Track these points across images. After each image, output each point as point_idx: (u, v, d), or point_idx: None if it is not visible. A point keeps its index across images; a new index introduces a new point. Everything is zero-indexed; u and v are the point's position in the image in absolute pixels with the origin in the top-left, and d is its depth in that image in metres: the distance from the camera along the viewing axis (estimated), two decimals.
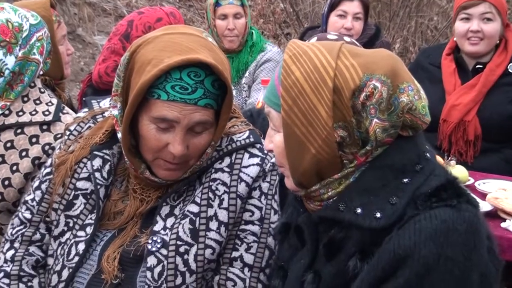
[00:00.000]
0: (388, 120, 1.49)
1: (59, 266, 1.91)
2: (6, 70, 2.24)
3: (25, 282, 1.96)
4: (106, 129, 1.95)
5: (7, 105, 2.28)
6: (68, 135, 2.03)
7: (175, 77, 1.72)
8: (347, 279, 1.48)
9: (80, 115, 2.08)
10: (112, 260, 1.85)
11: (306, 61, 1.52)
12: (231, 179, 1.87)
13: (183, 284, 1.82)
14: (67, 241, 1.93)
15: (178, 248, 1.82)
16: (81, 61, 8.06)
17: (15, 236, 2.02)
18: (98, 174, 1.92)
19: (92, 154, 1.93)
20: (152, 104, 1.75)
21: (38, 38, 2.33)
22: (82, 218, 1.93)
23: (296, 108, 1.50)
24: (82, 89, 3.49)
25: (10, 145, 2.27)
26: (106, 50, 3.27)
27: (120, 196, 1.95)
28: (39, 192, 2.03)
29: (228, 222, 1.85)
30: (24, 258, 1.99)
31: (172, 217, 1.87)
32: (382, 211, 1.45)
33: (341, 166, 1.53)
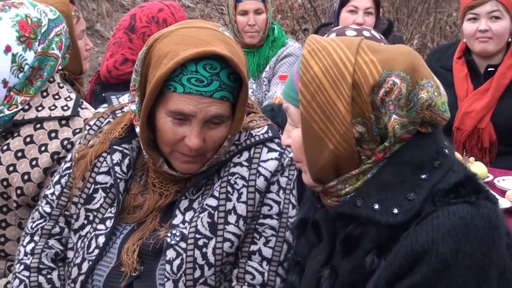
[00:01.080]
0: (407, 117, 1.48)
1: (79, 259, 1.93)
2: (25, 65, 2.26)
3: (45, 274, 1.98)
4: (125, 124, 1.97)
5: (27, 100, 2.30)
6: (88, 130, 2.05)
7: (190, 69, 1.73)
8: (364, 275, 1.48)
9: (100, 110, 2.10)
10: (132, 253, 1.87)
11: (325, 56, 1.52)
12: (250, 173, 1.88)
13: (201, 277, 1.83)
14: (87, 234, 1.95)
15: (196, 241, 1.84)
16: (99, 56, 8.10)
17: (35, 229, 2.04)
18: (118, 168, 1.94)
19: (112, 149, 1.95)
20: (169, 97, 1.76)
21: (56, 33, 2.35)
22: (102, 211, 1.95)
23: (315, 103, 1.50)
24: (90, 88, 3.52)
25: (29, 140, 2.29)
26: (113, 45, 3.30)
27: (139, 190, 1.96)
28: (58, 186, 2.05)
29: (246, 215, 1.86)
30: (44, 251, 2.01)
31: (191, 210, 1.89)
32: (399, 207, 1.45)
33: (358, 162, 1.53)
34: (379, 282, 1.43)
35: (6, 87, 2.24)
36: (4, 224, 2.33)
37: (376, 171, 1.52)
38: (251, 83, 4.32)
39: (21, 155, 2.28)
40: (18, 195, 2.27)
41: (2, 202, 2.32)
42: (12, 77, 2.24)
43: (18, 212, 2.31)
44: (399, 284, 1.41)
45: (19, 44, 2.23)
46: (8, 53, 2.21)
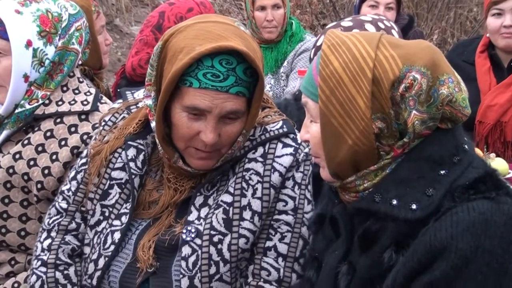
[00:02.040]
0: (427, 112, 1.48)
1: (96, 255, 1.94)
2: (46, 60, 2.27)
3: (62, 270, 1.99)
4: (139, 119, 1.97)
5: (47, 94, 2.31)
6: (103, 125, 2.06)
7: (206, 64, 1.73)
8: (382, 271, 1.48)
9: (115, 105, 2.11)
10: (147, 249, 1.87)
11: (345, 51, 1.51)
12: (265, 168, 1.88)
13: (217, 274, 1.83)
14: (103, 230, 1.96)
15: (211, 237, 1.84)
16: (118, 51, 8.14)
17: (51, 225, 2.06)
18: (133, 163, 1.94)
19: (126, 144, 1.96)
20: (184, 92, 1.76)
21: (77, 28, 2.36)
22: (117, 207, 1.96)
23: (334, 98, 1.50)
24: (116, 80, 3.53)
25: (50, 134, 2.30)
26: (139, 42, 3.30)
27: (154, 185, 1.97)
28: (74, 182, 2.06)
29: (261, 211, 1.85)
30: (61, 247, 2.02)
31: (206, 207, 1.89)
32: (418, 203, 1.45)
33: (377, 158, 1.52)
34: (397, 278, 1.43)
35: (27, 82, 2.26)
36: (25, 218, 2.35)
37: (394, 166, 1.52)
38: (269, 78, 4.32)
39: (41, 150, 2.29)
40: (39, 189, 2.28)
41: (23, 196, 2.33)
42: (33, 72, 2.26)
43: (39, 206, 2.32)
44: (418, 280, 1.40)
45: (40, 38, 2.25)
46: (29, 47, 2.23)
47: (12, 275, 2.36)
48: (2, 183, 2.31)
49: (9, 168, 2.30)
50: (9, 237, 2.35)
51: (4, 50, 2.23)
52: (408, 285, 1.42)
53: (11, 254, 2.38)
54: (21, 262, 2.37)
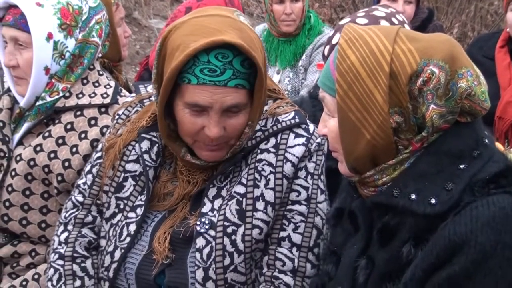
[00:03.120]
0: (445, 106, 1.47)
1: (112, 247, 1.96)
2: (66, 52, 2.29)
3: (79, 263, 2.01)
4: (152, 112, 1.98)
5: (68, 87, 2.33)
6: (116, 119, 2.07)
7: (202, 60, 1.72)
8: (400, 266, 1.47)
9: (128, 99, 2.12)
10: (163, 241, 1.88)
11: (362, 45, 1.50)
12: (277, 159, 1.88)
13: (231, 265, 1.84)
14: (119, 222, 1.97)
15: (225, 229, 1.85)
16: (137, 44, 8.17)
17: (68, 219, 2.07)
18: (147, 156, 1.95)
19: (140, 137, 1.96)
20: (184, 89, 1.77)
21: (97, 20, 2.38)
22: (132, 199, 1.97)
23: (351, 93, 1.49)
24: (139, 71, 3.52)
25: (70, 127, 2.32)
26: None
27: (169, 177, 1.98)
28: (90, 176, 2.07)
29: (274, 202, 1.86)
30: (77, 240, 2.04)
31: (219, 198, 1.90)
32: (437, 197, 1.44)
33: (395, 152, 1.52)
34: (416, 273, 1.42)
35: (48, 74, 2.28)
36: (45, 210, 2.37)
37: (413, 161, 1.51)
38: (288, 72, 4.32)
39: (62, 142, 2.31)
40: (59, 182, 2.30)
41: (43, 188, 2.35)
42: (54, 64, 2.28)
43: (59, 198, 2.35)
44: (437, 275, 1.40)
45: (61, 31, 2.27)
46: (50, 40, 2.24)
47: (32, 266, 2.39)
48: (23, 175, 2.33)
49: (30, 160, 2.32)
50: (30, 229, 2.38)
51: (25, 43, 2.25)
52: (427, 279, 1.41)
53: (31, 246, 2.41)
54: (41, 254, 2.40)
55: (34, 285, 2.31)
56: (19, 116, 2.37)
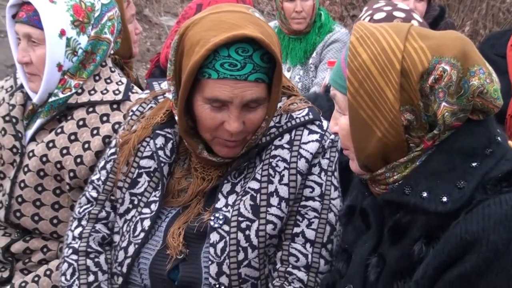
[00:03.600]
0: (457, 104, 1.47)
1: (125, 242, 1.96)
2: (79, 49, 2.30)
3: (92, 258, 2.02)
4: (167, 109, 1.99)
5: (80, 83, 2.34)
6: (130, 115, 2.08)
7: (223, 54, 1.73)
8: (412, 263, 1.47)
9: (142, 96, 2.13)
10: (177, 236, 1.89)
11: (374, 43, 1.50)
12: (291, 155, 1.89)
13: (245, 260, 1.85)
14: (133, 218, 1.98)
15: (239, 224, 1.86)
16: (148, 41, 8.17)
17: (82, 214, 2.09)
18: (161, 152, 1.96)
19: (155, 133, 1.98)
20: (204, 85, 1.77)
21: (109, 17, 2.38)
22: (146, 195, 1.98)
23: (363, 90, 1.49)
24: (150, 68, 3.53)
25: (82, 123, 2.33)
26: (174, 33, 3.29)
27: (183, 174, 1.99)
28: (104, 171, 2.09)
29: (288, 197, 1.87)
30: (91, 235, 2.05)
31: (233, 194, 1.91)
32: (448, 195, 1.44)
33: (407, 150, 1.52)
34: (427, 271, 1.42)
35: (61, 71, 2.29)
36: (57, 206, 2.38)
37: (425, 158, 1.51)
38: (298, 70, 4.31)
39: (74, 138, 2.32)
40: (71, 178, 2.32)
41: (55, 184, 2.36)
42: (67, 61, 2.29)
43: (71, 194, 2.36)
44: (448, 273, 1.39)
45: (73, 28, 2.27)
46: (62, 37, 2.25)
47: (44, 262, 2.40)
48: (35, 171, 2.35)
49: (43, 156, 2.33)
50: (42, 225, 2.39)
51: (38, 39, 2.26)
52: (439, 277, 1.41)
53: (43, 242, 2.42)
54: (53, 250, 2.42)
55: (46, 281, 2.32)
56: (32, 112, 2.38)
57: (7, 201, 2.39)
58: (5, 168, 2.43)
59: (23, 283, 2.33)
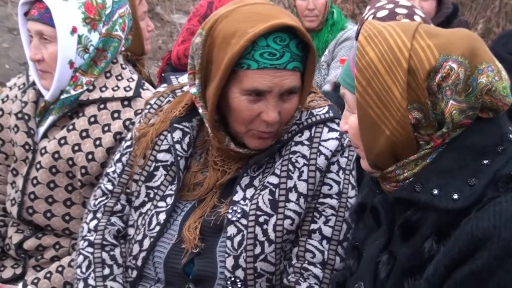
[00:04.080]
0: (465, 102, 1.46)
1: (140, 235, 1.97)
2: (90, 46, 2.31)
3: (108, 251, 2.03)
4: (185, 103, 1.99)
5: (92, 80, 2.35)
6: (148, 108, 2.08)
7: (261, 45, 1.75)
8: (422, 261, 1.47)
9: (160, 89, 2.14)
10: (193, 230, 1.90)
11: (381, 41, 1.51)
12: (311, 152, 1.89)
13: (262, 254, 1.86)
14: (148, 211, 1.98)
15: (257, 218, 1.86)
16: (159, 39, 8.18)
17: (97, 206, 2.09)
18: (178, 146, 1.97)
19: (172, 127, 1.98)
20: (243, 76, 1.78)
21: (120, 14, 2.39)
22: (162, 189, 1.99)
23: (370, 89, 1.50)
24: (161, 66, 3.53)
25: (93, 120, 2.34)
26: (186, 31, 3.30)
27: (199, 168, 1.99)
28: (119, 164, 2.09)
29: (307, 194, 1.87)
30: (107, 228, 2.05)
31: (251, 188, 1.92)
32: (459, 193, 1.43)
33: (417, 147, 1.52)
34: (438, 268, 1.42)
35: (72, 68, 2.30)
36: (69, 203, 2.40)
37: (435, 156, 1.51)
38: None
39: (85, 135, 2.33)
40: (83, 174, 2.33)
41: (67, 181, 2.38)
42: (78, 58, 2.30)
43: (83, 191, 2.37)
44: (459, 270, 1.39)
45: (85, 25, 2.28)
46: (74, 34, 2.26)
47: (56, 259, 2.41)
48: (47, 168, 2.36)
49: (55, 153, 2.35)
50: (54, 221, 2.41)
51: (50, 37, 2.27)
52: (449, 275, 1.40)
53: (55, 239, 2.44)
54: (65, 247, 2.43)
55: (58, 277, 2.33)
56: (44, 109, 2.39)
57: (19, 198, 2.41)
58: (17, 165, 2.45)
59: (36, 279, 2.34)
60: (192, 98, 1.95)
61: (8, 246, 2.49)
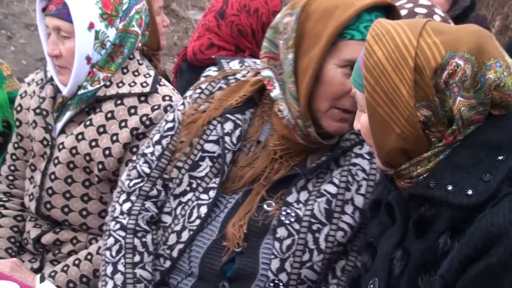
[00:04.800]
0: (474, 98, 1.47)
1: (179, 226, 1.95)
2: (107, 42, 2.32)
3: (140, 237, 1.99)
4: (244, 94, 1.96)
5: (108, 76, 2.36)
6: (199, 93, 2.04)
7: (365, 18, 1.77)
8: (437, 257, 1.47)
9: (211, 74, 2.08)
10: (239, 228, 1.88)
11: (388, 40, 1.52)
12: (371, 167, 1.89)
13: (309, 262, 1.85)
14: (189, 202, 1.96)
15: (311, 225, 1.85)
16: (175, 35, 8.20)
17: (132, 189, 2.04)
18: (228, 138, 1.93)
19: (225, 117, 1.95)
20: (343, 46, 1.78)
21: (137, 10, 2.39)
22: (206, 180, 1.96)
23: (379, 88, 1.51)
24: (177, 62, 3.53)
25: (110, 116, 2.35)
26: (201, 27, 3.29)
27: (247, 162, 1.96)
28: (159, 147, 2.04)
29: (363, 208, 1.87)
30: (141, 213, 2.01)
31: (305, 191, 1.89)
32: (474, 189, 1.43)
33: (428, 144, 1.52)
34: (453, 264, 1.42)
35: (90, 64, 2.31)
36: (86, 198, 2.41)
37: (449, 152, 1.51)
38: None
39: (102, 131, 2.34)
40: (100, 170, 2.34)
41: (84, 176, 2.39)
42: (95, 54, 2.31)
43: (100, 186, 2.38)
44: (474, 266, 1.39)
45: (102, 21, 2.29)
46: (91, 30, 2.27)
47: (73, 253, 2.43)
48: (65, 163, 2.38)
49: (72, 148, 2.36)
50: (72, 217, 2.42)
51: (68, 32, 2.28)
52: (464, 270, 1.40)
53: (73, 233, 2.46)
54: (82, 241, 2.45)
55: (75, 271, 2.35)
56: (61, 105, 2.40)
57: (38, 193, 2.43)
58: (36, 160, 2.47)
59: (53, 272, 2.36)
60: (250, 89, 1.95)
61: (26, 241, 2.52)
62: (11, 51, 6.28)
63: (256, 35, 3.09)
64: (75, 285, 2.34)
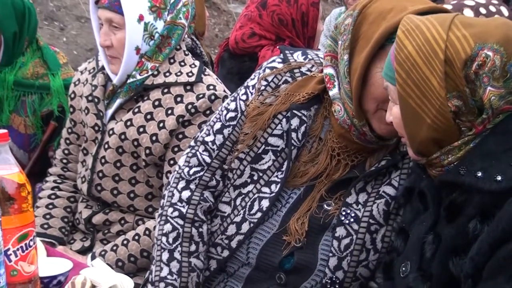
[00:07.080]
0: (504, 87, 1.50)
1: (239, 218, 1.95)
2: (156, 33, 2.38)
3: (197, 227, 1.98)
4: (311, 92, 1.94)
5: (156, 66, 2.42)
6: (265, 85, 2.00)
7: None
8: (467, 240, 1.51)
9: (276, 65, 2.03)
10: (301, 224, 1.88)
11: (418, 35, 1.55)
12: None
13: (365, 260, 1.89)
14: (249, 193, 1.96)
15: (369, 226, 1.87)
16: (216, 28, 8.24)
17: (192, 177, 2.02)
18: (294, 134, 1.91)
19: (291, 113, 1.92)
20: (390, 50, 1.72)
21: (184, 3, 2.44)
22: (268, 174, 1.95)
23: (410, 80, 1.54)
24: (219, 53, 3.58)
25: (158, 103, 2.41)
26: (244, 17, 3.33)
27: (309, 158, 1.94)
28: (220, 136, 2.01)
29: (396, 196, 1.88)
30: (200, 203, 1.99)
31: (364, 193, 1.91)
32: (503, 174, 1.46)
33: (459, 134, 1.56)
34: (482, 247, 1.45)
35: (139, 54, 2.38)
36: (134, 181, 2.48)
37: (479, 140, 1.54)
38: None
39: (150, 118, 2.41)
40: (147, 155, 2.41)
41: (132, 160, 2.46)
42: (144, 45, 2.37)
43: (146, 170, 2.45)
44: (502, 249, 1.42)
45: (151, 13, 2.35)
46: (141, 22, 2.33)
47: (121, 233, 2.51)
48: (115, 148, 2.45)
49: (121, 134, 2.43)
50: (120, 198, 2.50)
51: (119, 24, 2.35)
52: (493, 253, 1.44)
53: (121, 214, 2.53)
54: (129, 222, 2.52)
55: (123, 250, 2.42)
56: (112, 92, 2.47)
57: (89, 175, 2.51)
58: (88, 145, 2.55)
59: (103, 251, 2.44)
60: (317, 87, 1.93)
61: (78, 221, 2.60)
62: (63, 41, 6.40)
63: (296, 25, 3.14)
64: (124, 264, 2.42)
